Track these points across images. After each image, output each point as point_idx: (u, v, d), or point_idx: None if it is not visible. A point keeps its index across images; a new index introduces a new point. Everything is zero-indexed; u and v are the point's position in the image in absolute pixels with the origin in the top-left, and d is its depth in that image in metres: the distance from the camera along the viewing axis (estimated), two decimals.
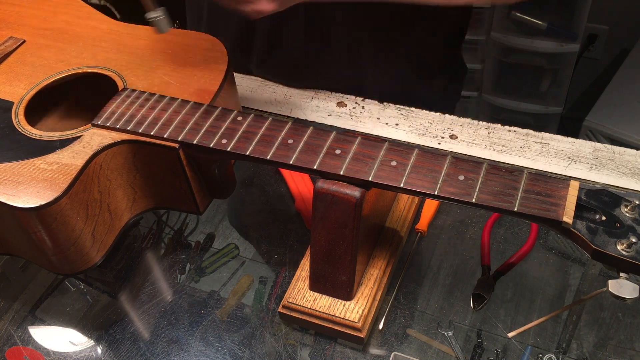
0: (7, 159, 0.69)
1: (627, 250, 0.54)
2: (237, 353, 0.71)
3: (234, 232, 0.85)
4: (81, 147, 0.70)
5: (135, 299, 0.77)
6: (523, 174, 0.59)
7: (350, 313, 0.69)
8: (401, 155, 0.62)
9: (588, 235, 0.55)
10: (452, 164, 0.61)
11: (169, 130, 0.70)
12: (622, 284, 0.56)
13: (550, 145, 0.85)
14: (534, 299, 0.74)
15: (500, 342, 0.70)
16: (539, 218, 0.56)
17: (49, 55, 0.83)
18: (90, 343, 0.74)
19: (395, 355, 0.69)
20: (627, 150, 0.84)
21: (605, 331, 0.71)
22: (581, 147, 0.85)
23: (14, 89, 0.79)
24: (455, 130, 0.89)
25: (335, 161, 0.63)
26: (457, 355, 0.69)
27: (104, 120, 0.72)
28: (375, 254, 0.75)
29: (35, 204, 0.64)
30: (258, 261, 0.81)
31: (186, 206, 0.77)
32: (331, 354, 0.70)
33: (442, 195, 0.59)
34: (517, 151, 0.85)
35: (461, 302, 0.74)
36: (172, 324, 0.74)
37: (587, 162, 0.82)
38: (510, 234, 0.80)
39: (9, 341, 0.74)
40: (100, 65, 0.81)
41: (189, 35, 0.84)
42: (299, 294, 0.71)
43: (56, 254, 0.70)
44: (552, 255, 0.78)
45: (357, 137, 0.65)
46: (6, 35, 0.87)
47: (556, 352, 0.69)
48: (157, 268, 0.81)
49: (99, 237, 0.72)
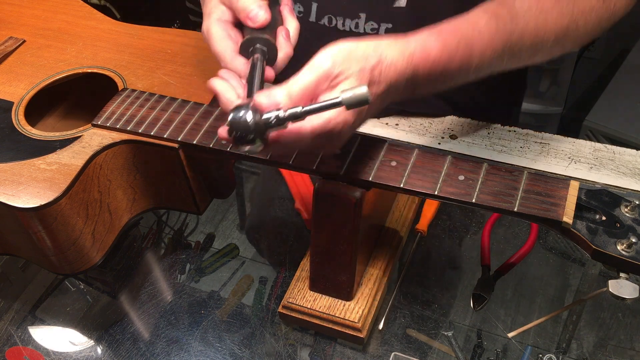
0: (7, 159, 0.69)
1: (627, 250, 0.54)
2: (237, 353, 0.71)
3: (234, 232, 0.85)
4: (81, 147, 0.69)
5: (135, 299, 0.77)
6: (523, 174, 0.59)
7: (350, 313, 0.69)
8: (401, 156, 0.62)
9: (588, 235, 0.55)
10: (452, 164, 0.61)
11: (169, 130, 0.70)
12: (622, 284, 0.56)
13: (550, 145, 0.85)
14: (534, 299, 0.74)
15: (500, 342, 0.70)
16: (539, 218, 0.56)
17: (49, 55, 0.83)
18: (90, 343, 0.74)
19: (395, 355, 0.69)
20: (627, 150, 0.84)
21: (605, 331, 0.71)
22: (581, 147, 0.84)
23: (14, 89, 0.79)
24: (455, 130, 0.89)
25: (336, 161, 0.63)
26: (457, 355, 0.69)
27: (104, 120, 0.72)
28: (375, 254, 0.75)
29: (35, 204, 0.64)
30: (258, 261, 0.81)
31: (186, 206, 0.77)
32: (331, 354, 0.70)
33: (442, 195, 0.59)
34: (517, 151, 0.85)
35: (461, 302, 0.74)
36: (172, 324, 0.74)
37: (587, 162, 0.82)
38: (510, 234, 0.80)
39: (9, 341, 0.74)
40: (100, 65, 0.81)
41: (188, 35, 0.84)
42: (299, 294, 0.71)
43: (56, 254, 0.70)
44: (552, 255, 0.78)
45: (358, 137, 0.65)
46: (6, 35, 0.87)
47: (556, 352, 0.69)
48: (157, 268, 0.81)
49: (99, 237, 0.72)
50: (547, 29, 0.64)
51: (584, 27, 0.67)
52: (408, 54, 0.56)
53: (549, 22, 0.64)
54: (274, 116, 0.51)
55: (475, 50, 0.60)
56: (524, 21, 0.63)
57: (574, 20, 0.65)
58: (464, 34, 0.60)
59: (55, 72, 0.81)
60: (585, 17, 0.66)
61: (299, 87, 0.53)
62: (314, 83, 0.54)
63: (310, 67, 0.54)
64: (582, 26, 0.66)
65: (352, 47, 0.55)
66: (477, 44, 0.60)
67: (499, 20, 0.62)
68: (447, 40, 0.59)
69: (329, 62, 0.54)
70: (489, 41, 0.61)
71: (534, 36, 0.64)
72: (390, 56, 0.56)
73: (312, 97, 0.55)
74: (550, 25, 0.64)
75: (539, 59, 0.68)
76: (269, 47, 0.60)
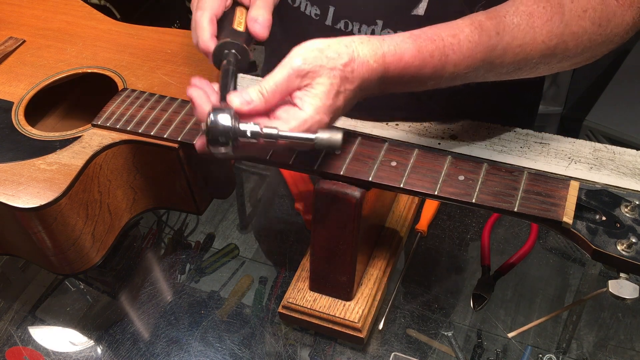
0: (7, 159, 0.69)
1: (627, 250, 0.54)
2: (237, 353, 0.71)
3: (234, 232, 0.85)
4: (81, 148, 0.70)
5: (135, 299, 0.77)
6: (523, 174, 0.59)
7: (350, 313, 0.69)
8: (401, 155, 0.62)
9: (588, 236, 0.55)
10: (452, 164, 0.61)
11: (168, 130, 0.70)
12: (622, 284, 0.56)
13: (550, 145, 0.85)
14: (534, 299, 0.74)
15: (500, 342, 0.70)
16: (539, 218, 0.56)
17: (49, 55, 0.83)
18: (90, 343, 0.74)
19: (395, 355, 0.69)
20: (627, 150, 0.84)
21: (605, 331, 0.71)
22: (581, 147, 0.84)
23: (14, 89, 0.79)
24: (455, 130, 0.89)
25: (336, 161, 0.63)
26: (457, 355, 0.69)
27: (103, 121, 0.72)
28: (375, 254, 0.75)
29: (35, 204, 0.64)
30: (258, 261, 0.81)
31: (186, 206, 0.77)
32: (331, 354, 0.70)
33: (442, 195, 0.59)
34: (517, 151, 0.85)
35: (461, 302, 0.74)
36: (172, 324, 0.74)
37: (587, 162, 0.82)
38: (510, 234, 0.80)
39: (9, 341, 0.74)
40: (100, 65, 0.81)
41: (189, 36, 0.84)
42: (299, 294, 0.71)
43: (56, 254, 0.70)
44: (552, 256, 0.78)
45: (357, 137, 0.65)
46: (6, 35, 0.87)
47: (556, 352, 0.69)
48: (157, 268, 0.81)
49: (99, 237, 0.72)
50: (534, 47, 0.64)
51: (574, 50, 0.66)
52: (381, 53, 0.58)
53: (536, 40, 0.64)
54: (250, 130, 0.54)
55: (450, 60, 0.61)
56: (510, 36, 0.63)
57: (563, 41, 0.65)
58: (443, 42, 0.60)
59: (55, 72, 0.81)
60: (577, 40, 0.65)
61: (270, 85, 0.55)
62: (285, 81, 0.55)
63: (282, 65, 0.56)
64: (573, 48, 0.66)
65: (323, 45, 0.56)
66: (454, 55, 0.61)
67: (482, 33, 0.62)
68: (422, 46, 0.59)
69: (299, 60, 0.55)
70: (467, 52, 0.61)
71: (517, 53, 0.64)
72: (363, 54, 0.57)
73: (284, 94, 0.56)
74: (538, 44, 0.64)
75: (524, 75, 0.68)
76: (242, 53, 0.62)
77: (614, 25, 0.66)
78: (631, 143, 1.63)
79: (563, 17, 0.64)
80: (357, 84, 0.57)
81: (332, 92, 0.56)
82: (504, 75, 0.67)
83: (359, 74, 0.57)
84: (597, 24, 0.65)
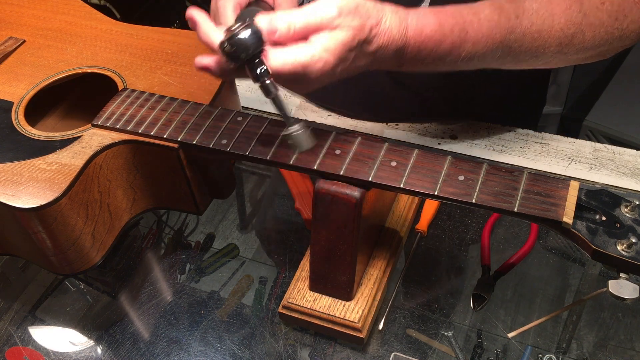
0: (7, 159, 0.69)
1: (627, 250, 0.54)
2: (237, 353, 0.71)
3: (234, 232, 0.85)
4: (81, 148, 0.70)
5: (135, 299, 0.77)
6: (523, 174, 0.59)
7: (350, 313, 0.69)
8: (401, 156, 0.62)
9: (588, 236, 0.55)
10: (452, 164, 0.61)
11: (168, 130, 0.70)
12: (622, 284, 0.56)
13: (550, 146, 0.85)
14: (534, 299, 0.74)
15: (500, 342, 0.70)
16: (539, 218, 0.56)
17: (49, 55, 0.83)
18: (90, 343, 0.74)
19: (395, 355, 0.69)
20: (627, 150, 0.84)
21: (605, 331, 0.71)
22: (581, 147, 0.85)
23: (14, 89, 0.79)
24: (455, 130, 0.89)
25: (335, 161, 0.63)
26: (457, 356, 0.69)
27: (103, 121, 0.72)
28: (375, 254, 0.75)
29: (35, 204, 0.64)
30: (258, 261, 0.81)
31: (186, 206, 0.77)
32: (331, 354, 0.70)
33: (442, 195, 0.59)
34: (517, 151, 0.85)
35: (461, 302, 0.74)
36: (172, 324, 0.74)
37: (587, 163, 0.82)
38: (510, 234, 0.80)
39: (9, 341, 0.74)
40: (100, 65, 0.81)
41: (189, 35, 0.84)
42: (299, 294, 0.71)
43: (56, 254, 0.70)
44: (552, 256, 0.78)
45: (357, 137, 0.65)
46: (6, 35, 0.87)
47: (556, 352, 0.69)
48: (157, 268, 0.81)
49: (99, 237, 0.72)
50: (552, 34, 0.64)
51: (591, 41, 0.66)
52: (404, 25, 0.58)
53: (554, 27, 0.64)
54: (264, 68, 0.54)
55: (470, 37, 0.61)
56: (528, 21, 0.63)
57: (581, 31, 0.65)
58: (463, 18, 0.61)
59: (55, 72, 0.81)
60: (594, 31, 0.65)
61: (300, 24, 0.55)
62: (315, 25, 0.55)
63: (316, 9, 0.56)
64: (589, 39, 0.66)
65: (360, 1, 0.56)
66: (473, 32, 0.61)
67: (502, 14, 0.62)
68: (443, 20, 0.60)
69: (335, 11, 0.55)
70: (487, 31, 0.62)
71: (535, 38, 0.64)
72: (389, 22, 0.57)
73: (307, 36, 0.56)
74: (556, 31, 0.64)
75: (539, 64, 0.68)
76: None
77: (630, 21, 0.66)
78: (631, 143, 1.63)
79: (582, 7, 0.64)
80: (374, 48, 0.58)
81: (348, 45, 0.56)
82: (521, 62, 0.67)
83: (379, 40, 0.58)
84: (613, 17, 0.65)
